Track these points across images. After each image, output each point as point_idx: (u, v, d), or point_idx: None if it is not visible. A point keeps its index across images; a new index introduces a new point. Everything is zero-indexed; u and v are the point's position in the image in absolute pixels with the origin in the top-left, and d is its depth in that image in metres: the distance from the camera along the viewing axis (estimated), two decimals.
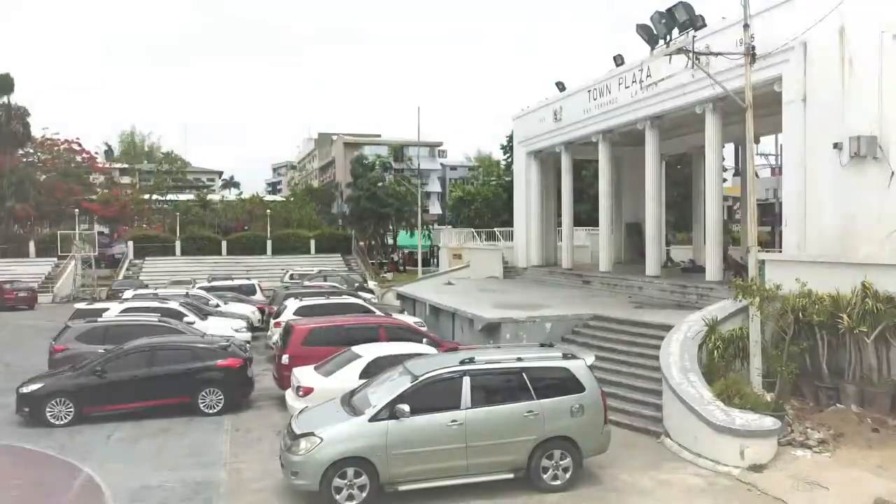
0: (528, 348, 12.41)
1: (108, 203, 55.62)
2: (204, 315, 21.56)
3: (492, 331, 19.10)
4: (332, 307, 21.19)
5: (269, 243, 52.35)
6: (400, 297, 29.24)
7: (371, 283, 39.69)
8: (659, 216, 27.72)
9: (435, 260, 57.02)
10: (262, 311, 27.39)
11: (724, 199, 49.78)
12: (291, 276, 39.80)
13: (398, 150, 67.80)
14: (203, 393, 15.08)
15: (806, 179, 17.49)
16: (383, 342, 15.71)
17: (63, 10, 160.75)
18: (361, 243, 57.01)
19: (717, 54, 14.81)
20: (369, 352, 13.68)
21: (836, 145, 16.65)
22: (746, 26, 13.31)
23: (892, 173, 16.71)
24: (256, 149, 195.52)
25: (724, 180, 45.92)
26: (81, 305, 20.46)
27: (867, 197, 16.70)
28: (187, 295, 24.94)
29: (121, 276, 45.85)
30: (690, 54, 13.23)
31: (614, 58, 25.92)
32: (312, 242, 53.13)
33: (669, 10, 12.86)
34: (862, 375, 13.83)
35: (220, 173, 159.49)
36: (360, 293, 34.46)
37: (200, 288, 29.56)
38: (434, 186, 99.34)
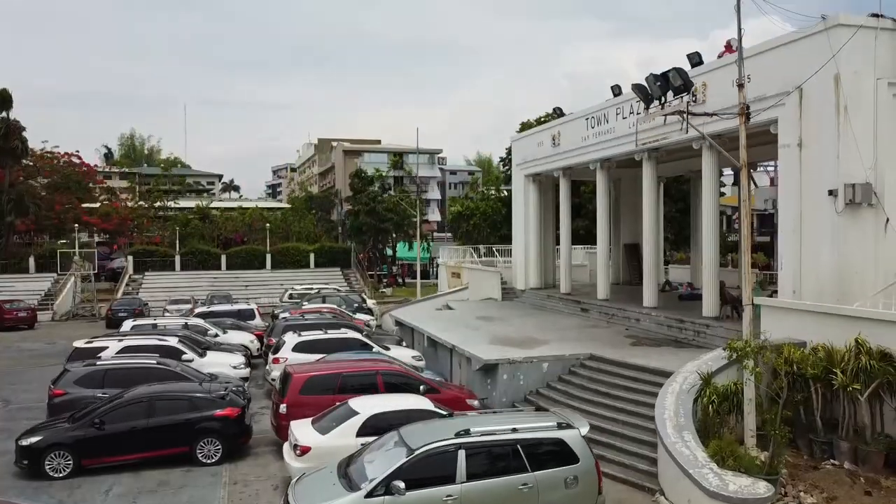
0: (524, 415, 12.49)
1: (107, 216, 55.69)
2: (202, 350, 21.61)
3: (489, 371, 19.18)
4: (331, 342, 21.31)
5: (268, 257, 52.43)
6: (398, 323, 29.24)
7: (370, 302, 39.69)
8: (656, 244, 27.79)
9: (434, 270, 57.18)
10: (260, 338, 27.46)
11: (723, 212, 50.19)
12: (290, 296, 39.92)
13: (398, 163, 67.54)
14: (201, 443, 15.15)
15: (802, 223, 17.58)
16: (381, 392, 15.81)
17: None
18: (360, 255, 57.06)
19: (712, 115, 14.85)
20: (366, 408, 13.73)
21: (831, 192, 16.74)
22: (741, 86, 13.34)
23: (888, 220, 16.84)
24: (256, 152, 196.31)
25: (723, 194, 46.23)
26: (80, 344, 20.50)
27: (862, 243, 16.82)
28: (186, 326, 25.00)
29: (120, 293, 45.95)
30: (685, 115, 13.23)
31: (612, 87, 26.04)
32: (312, 256, 53.21)
33: (664, 73, 12.91)
34: (855, 430, 13.92)
35: (220, 176, 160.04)
36: (358, 314, 34.76)
37: (200, 314, 29.63)
38: (433, 193, 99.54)
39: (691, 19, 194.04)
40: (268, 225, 53.61)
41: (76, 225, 49.25)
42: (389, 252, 62.07)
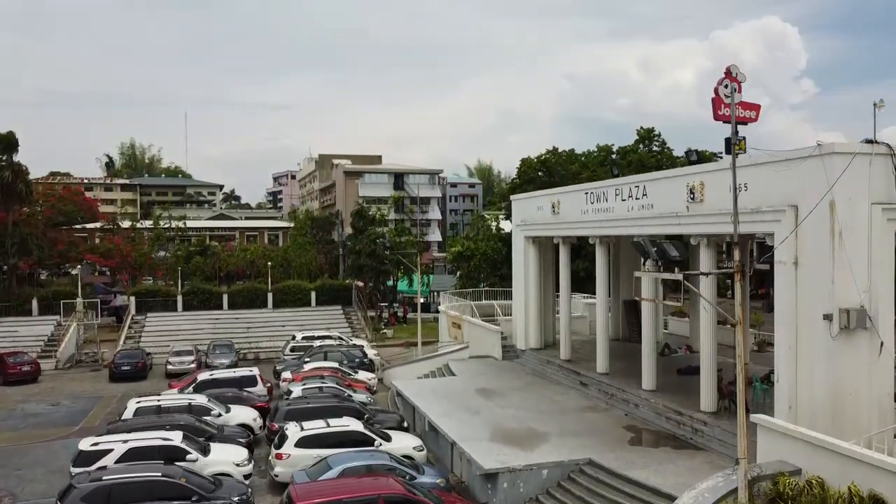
0: None
1: (108, 252, 56.03)
2: (206, 442, 21.89)
3: (490, 476, 19.40)
4: (333, 436, 21.74)
5: (269, 296, 52.65)
6: (399, 394, 29.44)
7: (370, 353, 39.99)
8: (655, 310, 27.95)
9: (435, 303, 57.33)
10: (263, 410, 27.77)
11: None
12: (293, 349, 40.25)
13: (398, 199, 67.86)
14: None
15: (797, 341, 17.82)
16: None
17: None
18: (361, 284, 57.14)
19: (707, 274, 15.08)
20: None
21: (826, 316, 16.99)
22: (735, 243, 13.57)
23: (882, 344, 17.10)
24: (257, 153, 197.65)
25: None
26: (84, 446, 20.63)
27: (857, 366, 17.07)
28: (189, 407, 25.30)
29: (123, 338, 46.13)
30: (683, 276, 13.49)
31: (611, 168, 26.37)
32: (313, 294, 53.43)
33: (661, 244, 13.21)
34: None
35: (221, 186, 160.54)
36: (360, 372, 35.11)
37: (203, 383, 29.88)
38: (434, 213, 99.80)
39: (692, 19, 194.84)
40: (269, 264, 53.84)
41: (79, 266, 49.46)
42: (390, 282, 62.21)
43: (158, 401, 26.00)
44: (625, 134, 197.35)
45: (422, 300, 50.54)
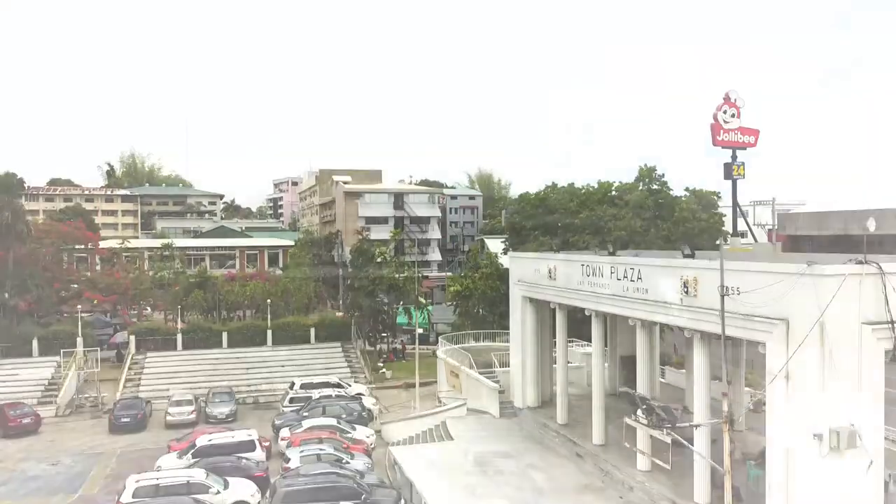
0: None
1: (108, 288, 56.29)
2: None
3: None
4: None
5: (269, 333, 52.85)
6: (396, 463, 29.56)
7: (368, 403, 40.27)
8: (650, 384, 28.12)
9: (435, 335, 57.47)
10: (261, 480, 28.00)
11: None
12: (292, 400, 40.47)
13: (398, 233, 68.17)
14: None
15: (788, 455, 17.93)
16: None
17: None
18: (358, 313, 57.16)
19: (698, 426, 15.23)
20: None
21: (816, 436, 17.15)
22: (724, 394, 13.71)
23: (871, 462, 17.27)
24: (259, 159, 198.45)
25: None
26: None
27: (847, 484, 17.23)
28: (188, 486, 25.49)
29: (122, 383, 46.26)
30: (671, 440, 13.67)
31: (607, 247, 26.47)
32: (312, 331, 53.64)
33: (650, 404, 13.38)
34: None
35: (222, 196, 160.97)
36: (358, 428, 35.34)
37: (201, 451, 30.04)
38: (434, 233, 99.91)
39: (691, 19, 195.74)
40: (269, 301, 54.04)
41: (78, 306, 49.68)
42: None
43: (157, 479, 26.17)
44: (624, 135, 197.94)
45: (420, 331, 50.55)
